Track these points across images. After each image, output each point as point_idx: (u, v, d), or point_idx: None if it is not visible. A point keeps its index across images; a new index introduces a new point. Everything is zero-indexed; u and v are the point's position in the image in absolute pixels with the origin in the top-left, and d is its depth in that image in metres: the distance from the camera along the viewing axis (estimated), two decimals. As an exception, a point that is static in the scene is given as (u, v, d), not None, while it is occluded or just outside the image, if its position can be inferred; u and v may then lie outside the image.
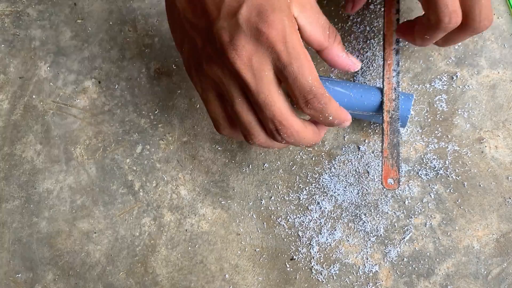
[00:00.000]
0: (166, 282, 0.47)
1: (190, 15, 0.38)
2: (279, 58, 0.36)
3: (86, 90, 0.51)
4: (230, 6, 0.36)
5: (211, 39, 0.37)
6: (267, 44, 0.35)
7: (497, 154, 0.47)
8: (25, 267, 0.49)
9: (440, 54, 0.49)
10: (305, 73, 0.36)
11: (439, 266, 0.45)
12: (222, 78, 0.37)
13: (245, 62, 0.36)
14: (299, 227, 0.47)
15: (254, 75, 0.36)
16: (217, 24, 0.36)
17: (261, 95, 0.36)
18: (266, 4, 0.35)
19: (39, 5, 0.54)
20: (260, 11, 0.35)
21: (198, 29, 0.38)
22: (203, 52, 0.38)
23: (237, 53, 0.35)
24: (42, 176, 0.50)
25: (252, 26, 0.35)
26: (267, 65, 0.36)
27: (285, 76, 0.36)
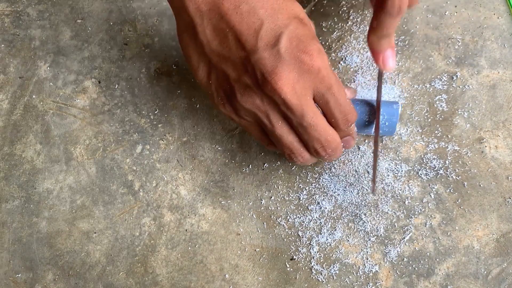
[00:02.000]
0: (166, 282, 0.47)
1: (218, 47, 0.39)
2: (322, 82, 0.38)
3: (86, 90, 0.51)
4: (268, 36, 0.37)
5: (249, 70, 0.38)
6: (312, 71, 0.37)
7: (497, 154, 0.47)
8: (25, 267, 0.49)
9: (440, 54, 0.49)
10: (343, 94, 0.39)
11: (439, 266, 0.45)
12: (261, 106, 0.39)
13: (290, 90, 0.37)
14: (299, 227, 0.47)
15: (299, 100, 0.38)
16: (256, 55, 0.37)
17: (307, 118, 0.38)
18: (303, 34, 0.38)
19: (39, 5, 0.54)
20: (300, 41, 0.37)
21: (230, 61, 0.39)
22: (238, 84, 0.39)
23: (282, 82, 0.37)
24: (42, 176, 0.50)
25: (295, 56, 0.37)
26: (309, 90, 0.38)
27: (327, 99, 0.38)
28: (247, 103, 0.39)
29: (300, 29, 0.38)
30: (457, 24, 0.50)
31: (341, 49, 0.50)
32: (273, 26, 0.37)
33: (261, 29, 0.37)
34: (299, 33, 0.37)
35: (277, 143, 0.41)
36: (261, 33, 0.37)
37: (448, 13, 0.50)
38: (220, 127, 0.50)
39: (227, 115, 0.42)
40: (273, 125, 0.39)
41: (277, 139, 0.41)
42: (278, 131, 0.40)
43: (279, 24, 0.37)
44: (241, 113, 0.40)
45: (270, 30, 0.37)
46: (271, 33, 0.37)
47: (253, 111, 0.39)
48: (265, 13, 0.37)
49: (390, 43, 0.41)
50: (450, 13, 0.50)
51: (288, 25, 0.37)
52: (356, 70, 0.49)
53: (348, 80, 0.49)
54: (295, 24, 0.37)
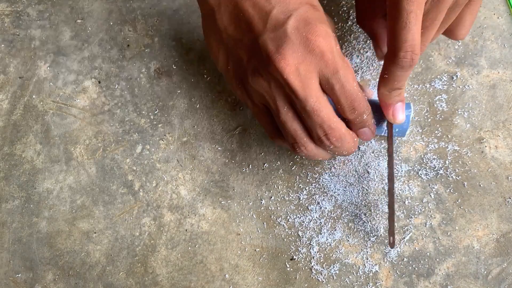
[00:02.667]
0: (166, 282, 0.47)
1: (233, 32, 0.40)
2: (327, 65, 0.37)
3: (86, 90, 0.51)
4: (277, 18, 0.38)
5: (257, 51, 0.38)
6: (316, 52, 0.37)
7: (497, 154, 0.47)
8: (25, 267, 0.49)
9: (440, 54, 0.49)
10: (351, 81, 0.38)
11: (439, 266, 0.45)
12: (268, 89, 0.39)
13: (293, 70, 0.37)
14: (299, 227, 0.47)
15: (302, 82, 0.37)
16: (263, 36, 0.38)
17: (310, 101, 0.38)
18: (312, 17, 0.38)
19: (39, 5, 0.54)
20: (307, 22, 0.37)
21: (242, 44, 0.39)
22: (249, 66, 0.39)
23: (285, 62, 0.37)
24: (42, 176, 0.50)
25: (302, 35, 0.37)
26: (314, 73, 0.37)
27: (332, 84, 0.38)
28: (256, 85, 0.39)
29: (310, 12, 0.38)
30: (457, 24, 0.50)
31: (341, 49, 0.50)
32: (283, 9, 0.38)
33: (272, 12, 0.38)
34: (309, 16, 0.37)
35: (282, 129, 0.41)
36: (271, 15, 0.38)
37: (448, 13, 0.50)
38: (220, 127, 0.50)
39: (243, 101, 0.42)
40: (279, 110, 0.39)
41: (282, 125, 0.40)
42: (283, 116, 0.39)
43: (289, 8, 0.38)
44: (253, 96, 0.41)
45: (280, 13, 0.37)
46: (281, 16, 0.37)
47: (262, 94, 0.39)
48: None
49: (401, 96, 0.40)
50: (450, 13, 0.50)
51: (298, 8, 0.38)
52: (356, 70, 0.49)
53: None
54: (305, 8, 0.38)
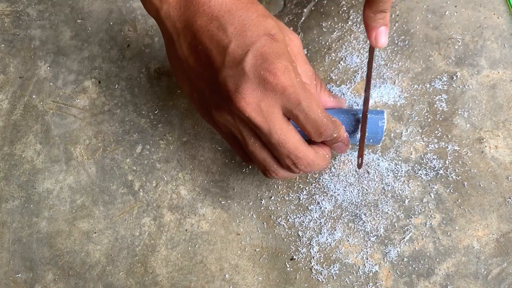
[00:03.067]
0: (166, 282, 0.47)
1: (194, 64, 0.39)
2: (289, 100, 0.37)
3: (86, 90, 0.51)
4: (235, 54, 0.36)
5: (217, 87, 0.38)
6: (276, 89, 0.36)
7: (497, 154, 0.47)
8: (25, 267, 0.48)
9: (440, 54, 0.49)
10: (314, 109, 0.38)
11: (439, 266, 0.45)
12: (233, 123, 0.39)
13: (255, 108, 0.37)
14: (299, 227, 0.47)
15: (265, 118, 0.37)
16: (223, 73, 0.37)
17: (275, 135, 0.38)
18: (270, 51, 0.37)
19: (39, 5, 0.54)
20: (265, 59, 0.36)
21: (203, 78, 0.39)
22: (211, 100, 0.39)
23: (246, 101, 0.36)
24: (42, 176, 0.50)
25: (259, 75, 0.36)
26: (276, 107, 0.37)
27: (296, 114, 0.38)
28: (220, 118, 0.39)
29: (267, 46, 0.37)
30: (457, 24, 0.50)
31: (341, 49, 0.50)
32: (240, 43, 0.36)
33: (229, 47, 0.36)
34: (266, 50, 0.36)
35: (252, 158, 0.41)
36: (228, 51, 0.36)
37: (448, 13, 0.50)
38: (220, 127, 0.50)
39: (212, 127, 0.42)
40: (246, 141, 0.39)
41: (251, 155, 0.40)
42: (250, 147, 0.40)
43: (247, 42, 0.36)
44: (219, 128, 0.41)
45: (237, 48, 0.36)
46: (238, 51, 0.36)
47: (228, 126, 0.39)
48: (234, 30, 0.37)
49: (385, 20, 0.40)
50: (450, 13, 0.50)
51: (255, 42, 0.36)
52: (356, 70, 0.49)
53: (348, 80, 0.49)
54: (263, 41, 0.37)
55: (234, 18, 0.37)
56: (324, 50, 0.50)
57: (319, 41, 0.50)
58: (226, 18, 0.37)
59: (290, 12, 0.52)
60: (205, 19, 0.37)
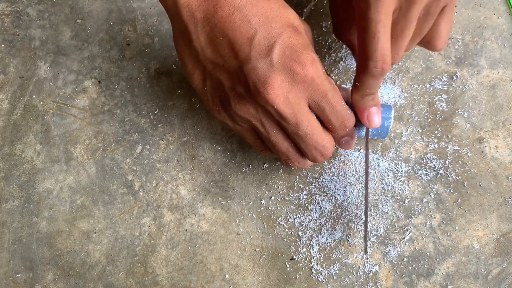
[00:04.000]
0: (166, 282, 0.47)
1: (212, 55, 0.38)
2: (316, 91, 0.37)
3: (86, 90, 0.51)
4: (261, 45, 0.36)
5: (242, 79, 0.37)
6: (305, 80, 0.37)
7: (497, 154, 0.47)
8: (25, 267, 0.48)
9: (440, 54, 0.49)
10: (339, 101, 0.39)
11: (439, 266, 0.45)
12: (255, 115, 0.39)
13: (283, 100, 0.37)
14: (299, 227, 0.47)
15: (293, 110, 0.37)
16: (249, 65, 0.37)
17: (302, 127, 0.38)
18: (296, 43, 0.37)
19: (39, 5, 0.54)
20: (293, 50, 0.37)
21: (224, 69, 0.38)
22: (232, 92, 0.39)
23: (274, 93, 0.36)
24: (42, 176, 0.50)
25: (288, 66, 0.36)
26: (303, 99, 0.38)
27: (322, 107, 0.38)
28: (241, 111, 0.39)
29: (293, 38, 0.37)
30: (457, 24, 0.50)
31: (341, 49, 0.50)
32: (266, 35, 0.36)
33: (254, 38, 0.36)
34: (293, 42, 0.37)
35: (273, 149, 0.41)
36: (254, 42, 0.36)
37: (448, 13, 0.50)
38: (220, 127, 0.50)
39: (223, 121, 0.42)
40: (268, 133, 0.39)
41: (273, 146, 0.41)
42: (273, 138, 0.40)
43: (273, 33, 0.37)
44: (236, 119, 0.40)
45: (263, 39, 0.36)
46: (264, 42, 0.36)
47: (248, 119, 0.39)
48: (259, 21, 0.37)
49: (374, 100, 0.40)
50: (450, 13, 0.50)
51: (282, 34, 0.37)
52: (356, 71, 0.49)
53: (348, 80, 0.49)
54: (288, 33, 0.37)
55: (257, 9, 0.37)
56: (324, 50, 0.50)
57: (319, 41, 0.50)
58: (249, 9, 0.37)
59: (290, 12, 0.52)
60: (227, 9, 0.37)
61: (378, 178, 0.47)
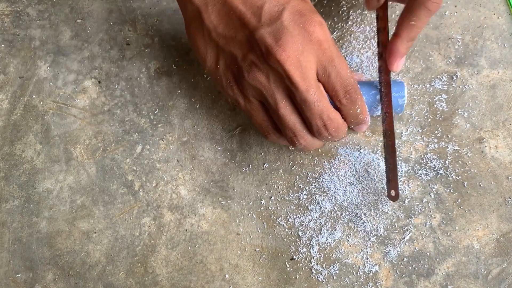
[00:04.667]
0: (166, 282, 0.47)
1: (224, 30, 0.40)
2: (324, 54, 0.39)
3: (86, 90, 0.51)
4: (271, 12, 0.38)
5: (253, 47, 0.39)
6: (315, 42, 0.38)
7: (497, 154, 0.47)
8: (25, 267, 0.48)
9: (440, 54, 0.49)
10: (345, 67, 0.40)
11: (439, 266, 0.45)
12: (266, 83, 0.39)
13: (294, 62, 0.38)
14: (299, 227, 0.47)
15: (303, 73, 0.38)
16: (260, 30, 0.38)
17: (311, 91, 0.39)
18: (304, 8, 0.39)
19: (39, 5, 0.54)
20: (302, 14, 0.38)
21: (235, 41, 0.40)
22: (244, 62, 0.40)
23: (286, 54, 0.37)
24: (42, 176, 0.50)
25: (299, 26, 0.38)
26: (313, 63, 0.39)
27: (329, 71, 0.39)
28: (253, 80, 0.39)
29: (301, 4, 0.39)
30: (457, 24, 0.50)
31: (341, 49, 0.50)
32: (275, 3, 0.38)
33: (264, 7, 0.38)
34: (301, 7, 0.38)
35: (280, 124, 0.41)
36: (263, 10, 0.38)
37: (448, 13, 0.50)
38: (220, 127, 0.50)
39: (235, 99, 0.42)
40: (277, 104, 0.40)
41: (280, 119, 0.41)
42: (282, 110, 0.40)
43: (281, 1, 0.38)
44: (248, 92, 0.41)
45: (273, 6, 0.38)
46: (274, 9, 0.38)
47: (259, 89, 0.40)
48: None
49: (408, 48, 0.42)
50: (450, 13, 0.50)
51: (290, 1, 0.38)
52: (356, 70, 0.49)
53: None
54: (295, 1, 0.39)
55: None
56: (324, 50, 0.50)
57: (319, 41, 0.50)
58: None
59: (290, 12, 0.52)
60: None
61: (378, 178, 0.47)
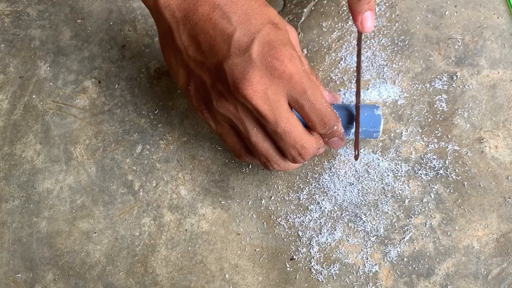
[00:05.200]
0: (166, 282, 0.47)
1: (194, 54, 0.38)
2: (295, 87, 0.37)
3: (86, 90, 0.51)
4: (241, 42, 0.37)
5: (221, 76, 0.37)
6: (283, 76, 0.37)
7: (497, 154, 0.47)
8: (25, 267, 0.49)
9: (440, 54, 0.49)
10: (319, 98, 0.38)
11: (439, 266, 0.45)
12: (235, 113, 0.38)
13: (262, 96, 0.36)
14: (299, 227, 0.47)
15: (271, 106, 0.37)
16: (229, 61, 0.37)
17: (281, 124, 0.38)
18: (275, 39, 0.37)
19: (39, 5, 0.54)
20: (272, 46, 0.36)
21: (205, 67, 0.38)
22: (213, 89, 0.39)
23: (253, 88, 0.36)
24: (42, 176, 0.50)
25: (267, 62, 0.36)
26: (282, 95, 0.37)
27: (301, 104, 0.38)
28: (222, 109, 0.39)
29: (272, 34, 0.37)
30: (457, 24, 0.50)
31: (341, 49, 0.50)
32: (245, 31, 0.37)
33: (234, 35, 0.36)
34: (272, 38, 0.37)
35: (253, 150, 0.41)
36: (233, 39, 0.36)
37: (448, 13, 0.50)
38: (220, 127, 0.50)
39: (206, 122, 0.42)
40: (248, 132, 0.39)
41: (252, 146, 0.40)
42: (253, 138, 0.39)
43: (252, 30, 0.37)
44: (218, 118, 0.40)
45: (242, 36, 0.37)
46: (244, 39, 0.37)
47: (229, 117, 0.39)
48: (238, 19, 0.37)
49: (370, 5, 0.41)
50: (450, 13, 0.50)
51: (261, 30, 0.37)
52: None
53: (348, 80, 0.49)
54: (267, 30, 0.37)
55: (237, 7, 0.37)
56: (324, 50, 0.50)
57: (319, 41, 0.50)
58: (229, 7, 0.37)
59: (290, 12, 0.52)
60: (207, 8, 0.37)
61: (378, 178, 0.47)
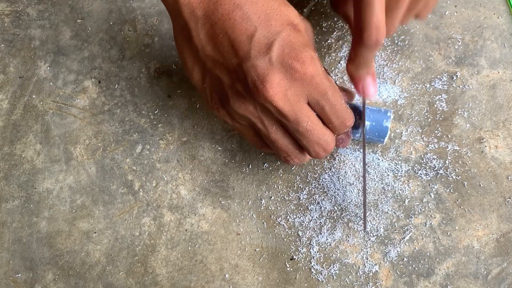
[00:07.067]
0: (166, 282, 0.47)
1: (211, 53, 0.38)
2: (315, 89, 0.37)
3: (86, 90, 0.51)
4: (261, 43, 0.37)
5: (241, 77, 0.37)
6: (304, 78, 0.37)
7: (497, 154, 0.47)
8: (25, 267, 0.48)
9: (440, 54, 0.49)
10: (339, 100, 0.39)
11: (439, 266, 0.45)
12: (254, 112, 0.39)
13: (282, 97, 0.37)
14: (299, 227, 0.47)
15: (293, 107, 0.37)
16: (248, 62, 0.37)
17: (303, 123, 0.38)
18: (295, 41, 0.37)
19: (39, 5, 0.54)
20: (292, 48, 0.37)
21: (223, 67, 0.38)
22: (231, 89, 0.39)
23: (273, 90, 0.36)
24: (42, 176, 0.50)
25: (287, 64, 0.36)
26: (302, 96, 0.38)
27: (322, 105, 0.38)
28: (240, 109, 0.39)
29: (293, 36, 0.37)
30: (457, 24, 0.50)
31: (341, 49, 0.50)
32: (265, 33, 0.37)
33: (254, 36, 0.36)
34: (292, 40, 0.37)
35: (272, 146, 0.41)
36: (254, 40, 0.37)
37: (448, 13, 0.50)
38: (220, 127, 0.50)
39: (221, 118, 0.42)
40: (268, 130, 0.39)
41: (272, 143, 0.41)
42: (273, 135, 0.40)
43: (272, 31, 0.37)
44: (235, 117, 0.40)
45: (262, 37, 0.37)
46: (264, 40, 0.37)
47: (247, 117, 0.39)
48: (258, 19, 0.37)
49: (369, 71, 0.40)
50: (450, 13, 0.50)
51: (281, 32, 0.37)
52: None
53: (348, 80, 0.49)
54: (288, 31, 0.37)
55: (257, 7, 0.37)
56: (324, 50, 0.50)
57: (319, 41, 0.50)
58: (249, 7, 0.37)
59: (290, 12, 0.51)
60: (227, 7, 0.37)
61: (378, 178, 0.47)
